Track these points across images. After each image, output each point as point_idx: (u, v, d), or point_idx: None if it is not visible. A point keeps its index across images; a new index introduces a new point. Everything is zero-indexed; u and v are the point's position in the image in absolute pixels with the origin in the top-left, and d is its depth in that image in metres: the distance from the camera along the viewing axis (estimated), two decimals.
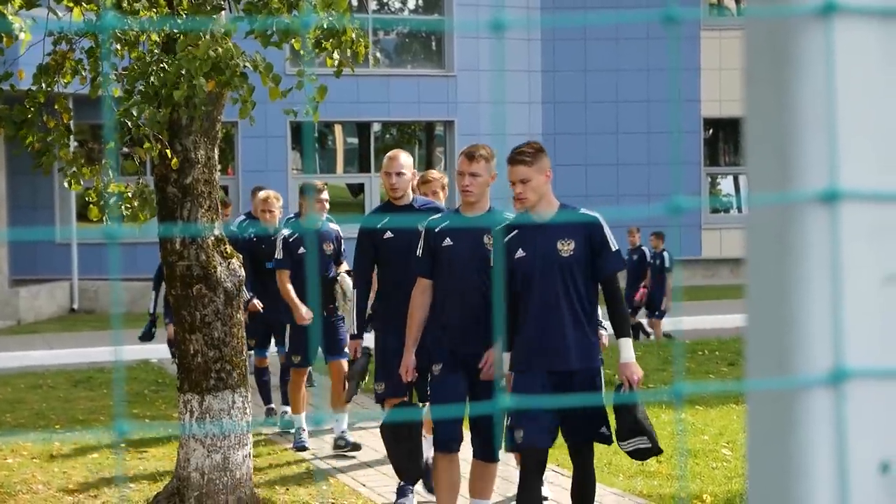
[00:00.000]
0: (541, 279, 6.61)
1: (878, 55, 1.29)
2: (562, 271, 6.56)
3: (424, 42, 27.66)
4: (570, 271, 6.58)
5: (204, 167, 8.02)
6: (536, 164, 6.64)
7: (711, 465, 9.59)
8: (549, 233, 6.62)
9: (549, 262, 6.58)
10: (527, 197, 6.63)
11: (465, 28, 25.93)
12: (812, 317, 1.29)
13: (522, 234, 6.73)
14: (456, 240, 7.26)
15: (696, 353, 16.12)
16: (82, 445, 10.87)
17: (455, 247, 7.25)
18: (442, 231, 7.30)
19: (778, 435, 1.32)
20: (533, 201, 6.66)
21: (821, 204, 1.28)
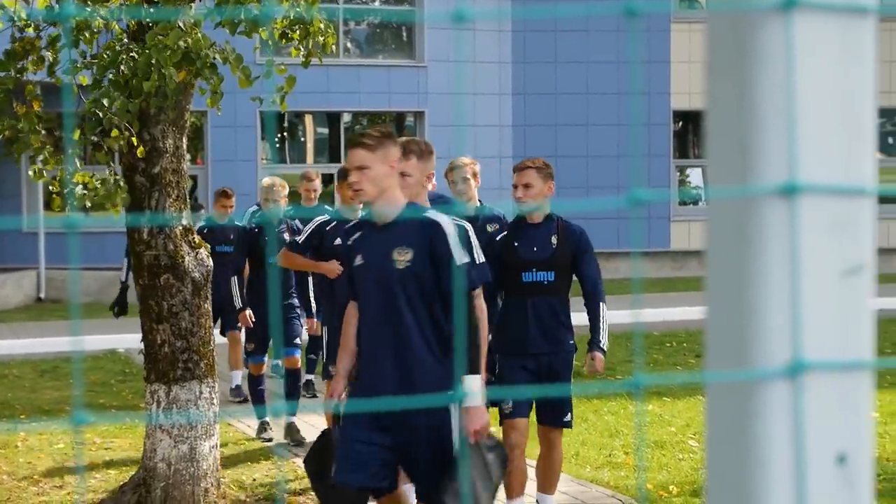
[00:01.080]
0: (375, 293, 5.83)
1: (837, 50, 1.30)
2: (401, 284, 5.75)
3: (395, 33, 27.63)
4: (407, 285, 5.75)
5: (172, 157, 8.00)
6: (380, 151, 5.75)
7: (678, 457, 9.63)
8: (387, 239, 5.82)
9: (385, 273, 5.78)
10: (362, 188, 5.74)
11: (436, 19, 25.90)
12: (771, 309, 1.30)
13: (364, 237, 5.98)
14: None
15: (664, 344, 16.18)
16: (48, 435, 10.82)
17: None
18: None
19: (736, 427, 1.33)
20: (371, 195, 5.74)
21: (780, 197, 1.29)
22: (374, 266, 5.79)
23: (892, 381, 12.92)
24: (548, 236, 7.41)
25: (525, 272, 7.36)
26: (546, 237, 7.42)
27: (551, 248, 7.38)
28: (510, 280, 7.40)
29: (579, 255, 7.42)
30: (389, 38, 27.78)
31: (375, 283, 5.79)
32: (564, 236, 7.42)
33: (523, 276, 7.35)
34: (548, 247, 7.39)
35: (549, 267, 7.37)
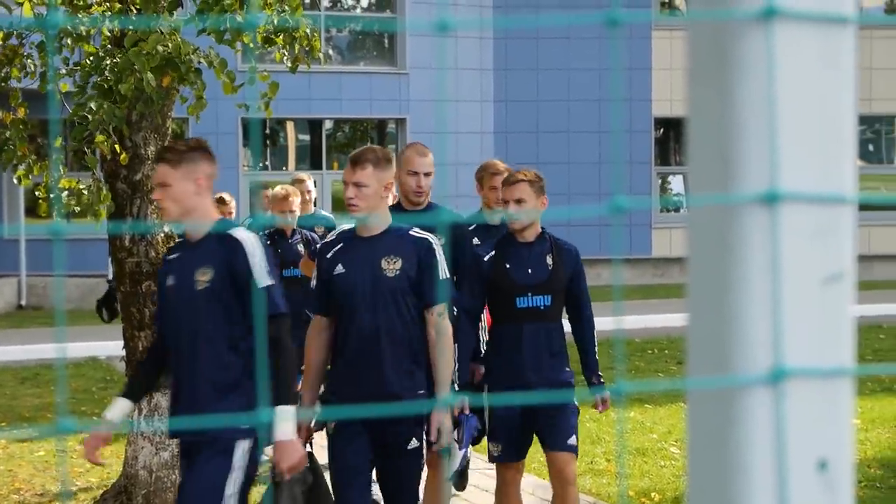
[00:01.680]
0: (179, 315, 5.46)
1: (817, 59, 1.31)
2: (201, 306, 5.44)
3: (377, 40, 27.63)
4: (208, 306, 5.36)
5: (153, 164, 7.99)
6: (182, 167, 5.32)
7: (660, 464, 9.64)
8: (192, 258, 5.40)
9: (187, 294, 5.35)
10: (164, 206, 5.35)
11: (417, 27, 25.94)
12: (752, 316, 1.31)
13: (176, 257, 5.55)
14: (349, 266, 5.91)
15: (646, 351, 16.20)
16: (28, 443, 10.79)
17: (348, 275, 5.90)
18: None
19: (718, 433, 1.33)
20: (173, 214, 5.34)
21: (761, 205, 1.30)
22: (179, 287, 5.36)
23: (872, 387, 12.96)
24: (542, 256, 6.78)
25: (519, 297, 6.69)
26: (540, 257, 6.77)
27: (547, 270, 6.74)
28: (501, 305, 6.76)
29: (575, 278, 6.83)
30: (371, 45, 27.78)
31: (180, 305, 5.37)
32: (560, 256, 6.80)
33: (517, 301, 6.68)
34: (543, 268, 6.75)
35: (546, 291, 6.73)
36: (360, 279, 5.84)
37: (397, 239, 5.91)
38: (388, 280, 5.83)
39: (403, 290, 5.85)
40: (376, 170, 5.84)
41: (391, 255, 5.85)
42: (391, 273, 5.84)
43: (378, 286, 5.84)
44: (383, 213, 5.96)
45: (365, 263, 5.85)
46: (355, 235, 5.95)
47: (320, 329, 6.04)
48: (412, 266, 5.85)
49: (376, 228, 5.93)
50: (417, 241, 5.90)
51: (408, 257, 5.86)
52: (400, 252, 5.87)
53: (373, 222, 5.91)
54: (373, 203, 5.87)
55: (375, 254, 5.86)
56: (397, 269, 5.85)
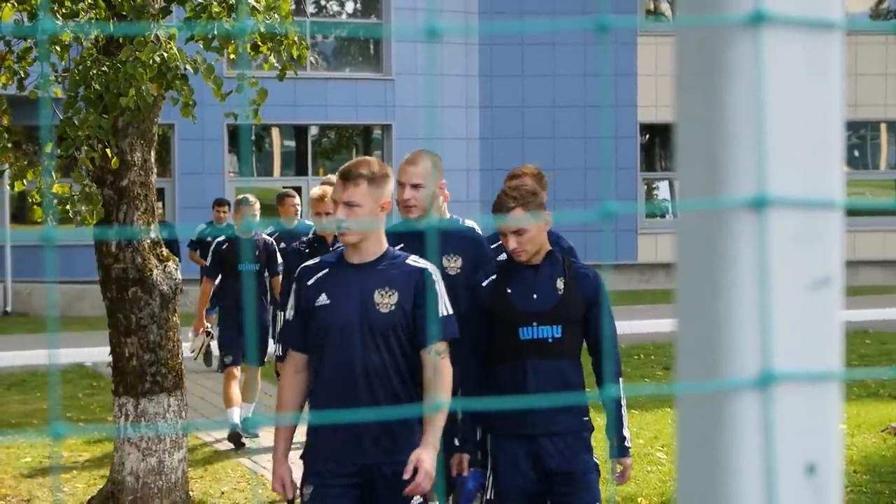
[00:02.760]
0: None
1: (806, 64, 1.32)
2: None
3: (362, 46, 27.63)
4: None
5: (140, 170, 7.99)
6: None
7: (646, 469, 9.65)
8: None
9: None
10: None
11: (403, 33, 25.93)
12: (740, 321, 1.32)
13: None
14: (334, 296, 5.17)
15: (632, 357, 16.22)
16: (14, 449, 10.76)
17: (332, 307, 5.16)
18: None
19: (706, 437, 1.34)
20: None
21: (749, 210, 1.31)
22: None
23: (858, 392, 12.99)
24: (552, 280, 5.76)
25: (523, 327, 5.69)
26: (549, 281, 5.76)
27: (557, 295, 5.72)
28: (503, 338, 5.71)
29: (593, 307, 5.76)
30: (356, 51, 27.78)
31: None
32: (574, 280, 5.76)
33: (521, 333, 5.68)
34: (552, 293, 5.73)
35: (554, 320, 5.70)
36: (347, 313, 5.09)
37: (393, 268, 5.14)
38: (381, 316, 5.08)
39: (396, 327, 5.10)
40: (372, 187, 5.07)
41: (386, 288, 5.11)
42: (386, 308, 5.09)
43: (369, 323, 5.09)
44: (378, 237, 5.18)
45: (354, 295, 5.09)
46: (343, 261, 5.19)
47: (297, 368, 5.26)
48: (409, 300, 5.11)
49: (369, 254, 5.14)
50: (415, 272, 5.13)
51: (404, 290, 5.11)
52: (396, 284, 5.11)
53: (367, 247, 5.14)
54: (367, 226, 5.10)
55: (367, 284, 5.10)
56: (392, 303, 5.09)
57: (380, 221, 5.14)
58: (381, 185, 5.09)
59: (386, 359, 5.11)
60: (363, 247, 5.12)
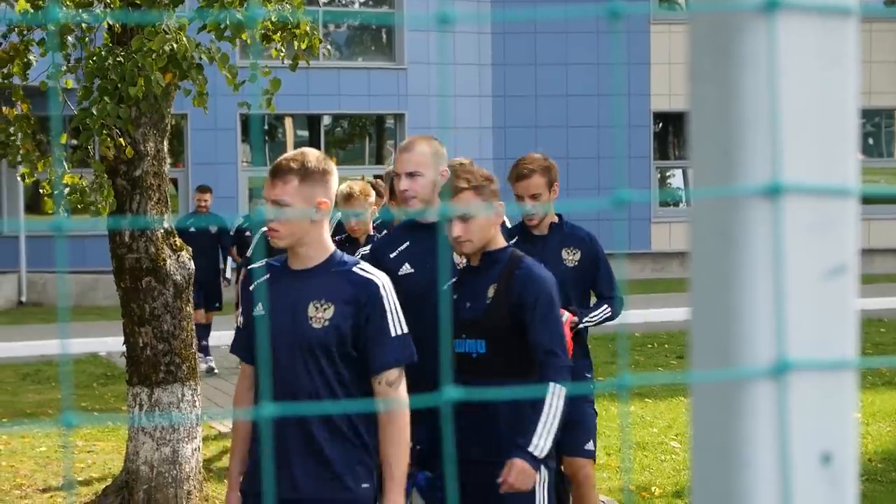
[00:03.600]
0: None
1: (820, 51, 1.31)
2: None
3: (375, 35, 27.62)
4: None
5: (153, 160, 7.99)
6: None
7: (660, 458, 9.65)
8: None
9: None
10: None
11: (416, 22, 25.91)
12: (755, 309, 1.31)
13: None
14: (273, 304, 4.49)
15: (646, 346, 16.21)
16: (30, 438, 10.80)
17: None
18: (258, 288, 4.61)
19: (721, 426, 1.33)
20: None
21: (764, 198, 1.30)
22: None
23: (872, 381, 12.97)
24: (486, 285, 5.08)
25: (456, 339, 5.05)
26: (484, 287, 5.08)
27: (485, 304, 5.04)
28: None
29: (526, 314, 4.97)
30: (369, 40, 27.77)
31: None
32: (508, 285, 5.03)
33: (455, 345, 5.06)
34: (482, 301, 5.05)
35: (477, 333, 5.02)
36: (279, 327, 4.43)
37: (335, 277, 4.45)
38: (312, 332, 4.40)
39: (331, 346, 4.40)
40: (303, 184, 4.43)
41: (322, 300, 4.42)
42: (318, 323, 4.40)
43: (298, 340, 4.42)
44: (317, 240, 4.49)
45: (287, 306, 4.45)
46: (285, 266, 4.57)
47: (250, 383, 4.67)
48: (347, 316, 4.39)
49: (308, 260, 4.49)
50: (360, 284, 4.42)
51: (343, 304, 4.40)
52: (335, 296, 4.41)
53: (305, 253, 4.49)
54: (299, 228, 4.46)
55: (302, 295, 4.45)
56: (327, 318, 4.40)
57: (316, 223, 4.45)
58: (315, 181, 4.42)
59: (318, 384, 4.41)
60: (300, 252, 4.46)
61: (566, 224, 6.69)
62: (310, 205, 4.41)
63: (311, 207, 4.42)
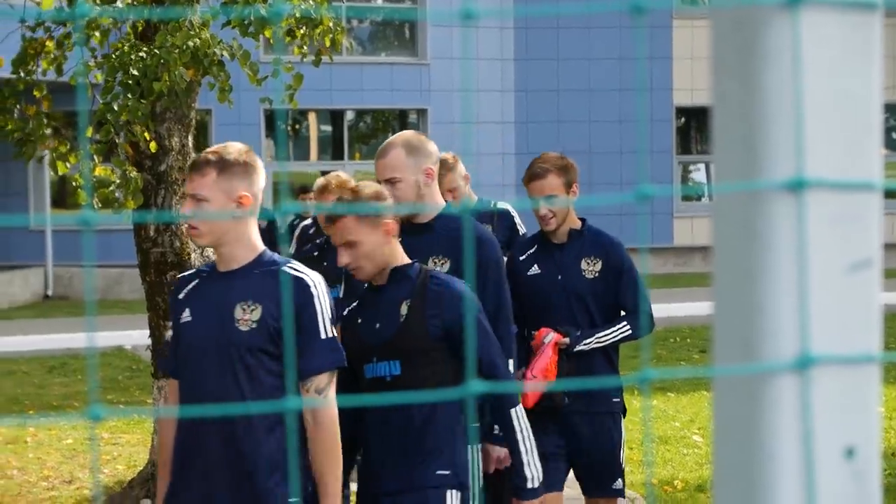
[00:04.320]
0: None
1: (842, 46, 1.31)
2: None
3: (398, 30, 27.62)
4: None
5: (178, 154, 8.02)
6: None
7: (682, 452, 9.64)
8: None
9: None
10: None
11: (438, 17, 25.91)
12: (778, 303, 1.31)
13: None
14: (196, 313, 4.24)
15: (668, 340, 16.18)
16: (56, 431, 10.85)
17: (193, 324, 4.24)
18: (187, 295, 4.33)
19: (744, 420, 1.34)
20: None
21: (787, 192, 1.30)
22: None
23: (895, 375, 12.92)
24: (397, 302, 4.63)
25: (367, 364, 4.63)
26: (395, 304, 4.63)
27: (398, 322, 4.60)
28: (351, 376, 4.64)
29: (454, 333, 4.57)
30: (392, 35, 27.77)
31: None
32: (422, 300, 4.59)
33: (366, 370, 4.63)
34: (395, 320, 4.61)
35: (391, 354, 4.60)
36: (205, 333, 4.18)
37: (263, 277, 4.17)
38: (239, 335, 4.10)
39: (259, 350, 4.10)
40: (222, 177, 4.15)
41: (249, 301, 4.13)
42: (246, 326, 4.11)
43: (225, 344, 4.13)
44: (243, 239, 4.20)
45: (214, 310, 4.18)
46: (214, 270, 4.29)
47: (175, 400, 4.35)
48: (276, 317, 4.10)
49: (234, 261, 4.20)
50: (288, 283, 4.15)
51: (271, 304, 4.12)
52: (262, 296, 4.13)
53: (230, 253, 4.20)
54: (219, 226, 4.18)
55: (229, 297, 4.16)
56: (254, 319, 4.10)
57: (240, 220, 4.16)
58: (234, 174, 4.13)
59: (246, 390, 4.10)
60: (223, 252, 4.18)
61: (589, 230, 6.08)
62: (230, 200, 4.14)
63: (232, 203, 4.14)
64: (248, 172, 4.18)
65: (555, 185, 5.98)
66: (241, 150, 4.22)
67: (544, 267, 5.94)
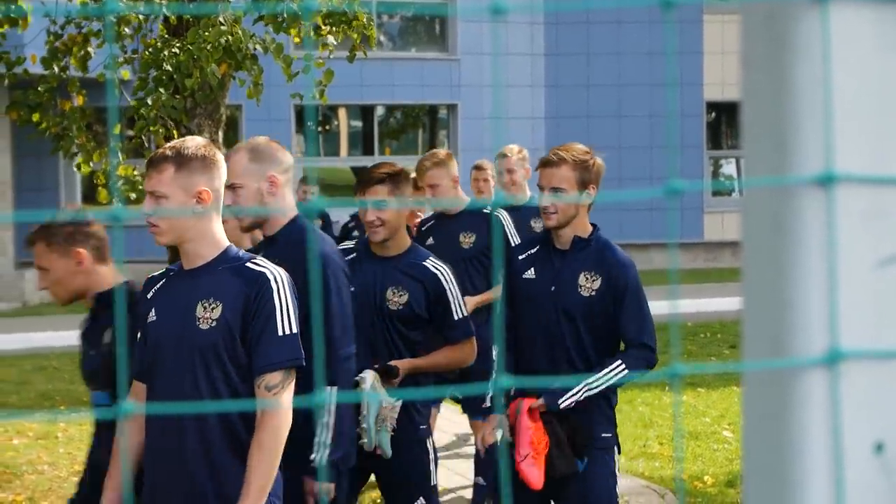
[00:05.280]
0: None
1: (872, 41, 1.31)
2: None
3: (428, 25, 27.63)
4: None
5: None
6: None
7: (713, 447, 9.62)
8: None
9: None
10: None
11: (469, 12, 25.89)
12: (808, 299, 1.31)
13: None
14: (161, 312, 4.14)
15: (698, 335, 16.14)
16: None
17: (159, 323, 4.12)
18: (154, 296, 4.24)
19: (773, 416, 1.33)
20: None
21: (817, 187, 1.30)
22: None
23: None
24: (101, 331, 5.05)
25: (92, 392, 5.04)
26: (99, 332, 5.05)
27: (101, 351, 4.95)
28: None
29: None
30: (422, 30, 27.78)
31: None
32: None
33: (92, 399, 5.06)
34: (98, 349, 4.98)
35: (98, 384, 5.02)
36: (167, 332, 4.08)
37: (225, 274, 4.05)
38: (199, 334, 4.00)
39: (219, 349, 3.99)
40: (179, 173, 4.02)
41: (211, 298, 4.02)
42: (206, 324, 4.00)
43: (186, 342, 4.02)
44: (206, 235, 4.08)
45: (177, 308, 4.07)
46: (180, 269, 4.20)
47: (140, 400, 4.23)
48: (236, 314, 3.99)
49: (198, 258, 4.09)
50: (251, 278, 4.02)
51: (232, 301, 4.00)
52: (223, 293, 4.01)
53: (194, 249, 4.10)
54: (180, 223, 4.05)
55: (192, 295, 4.05)
56: (214, 318, 4.00)
57: (201, 217, 4.05)
58: (193, 170, 4.01)
59: (204, 390, 3.99)
60: (187, 249, 4.08)
61: (597, 241, 5.39)
62: (189, 195, 4.00)
63: (191, 199, 4.01)
64: (207, 167, 4.04)
65: (566, 177, 5.28)
66: (199, 144, 4.07)
67: (540, 273, 5.34)
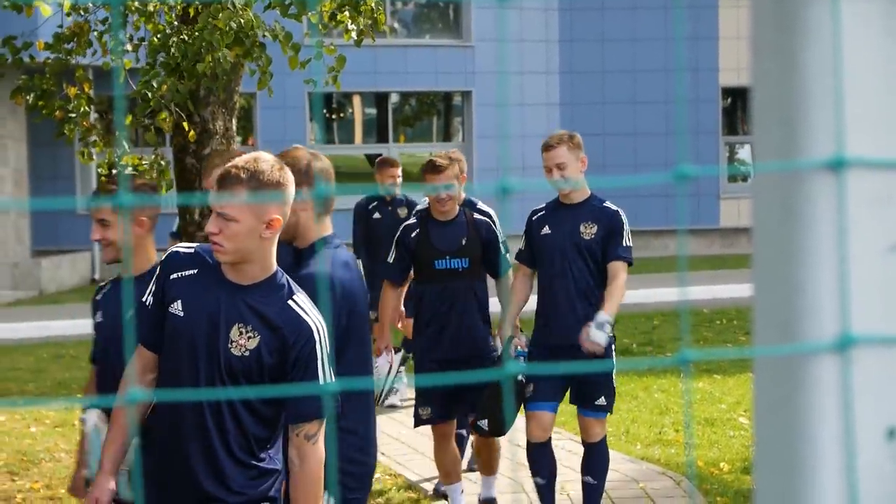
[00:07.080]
0: None
1: (881, 25, 1.30)
2: None
3: (442, 12, 27.59)
4: None
5: (222, 138, 8.05)
6: None
7: (728, 434, 9.61)
8: None
9: None
10: None
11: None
12: (819, 284, 1.31)
13: None
14: None
15: (714, 322, 16.12)
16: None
17: None
18: None
19: (785, 401, 1.33)
20: None
21: (827, 171, 1.29)
22: None
23: None
24: None
25: None
26: None
27: None
28: None
29: None
30: (436, 17, 27.75)
31: None
32: None
33: None
34: None
35: None
36: (194, 338, 3.98)
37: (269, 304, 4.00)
38: (232, 359, 3.96)
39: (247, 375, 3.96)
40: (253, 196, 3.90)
41: (249, 327, 4.00)
42: (238, 350, 3.96)
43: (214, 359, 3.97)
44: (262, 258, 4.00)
45: (208, 315, 3.99)
46: (217, 267, 4.06)
47: (147, 367, 4.16)
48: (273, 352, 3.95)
49: (245, 275, 4.00)
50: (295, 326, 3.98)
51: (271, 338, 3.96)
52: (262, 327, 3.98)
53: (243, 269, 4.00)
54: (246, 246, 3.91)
55: (230, 313, 4.01)
56: (249, 348, 3.95)
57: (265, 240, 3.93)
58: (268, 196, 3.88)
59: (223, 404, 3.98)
60: (241, 266, 3.97)
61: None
62: (260, 221, 3.86)
63: (262, 224, 3.87)
64: (280, 192, 3.89)
65: None
66: (273, 167, 3.90)
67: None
